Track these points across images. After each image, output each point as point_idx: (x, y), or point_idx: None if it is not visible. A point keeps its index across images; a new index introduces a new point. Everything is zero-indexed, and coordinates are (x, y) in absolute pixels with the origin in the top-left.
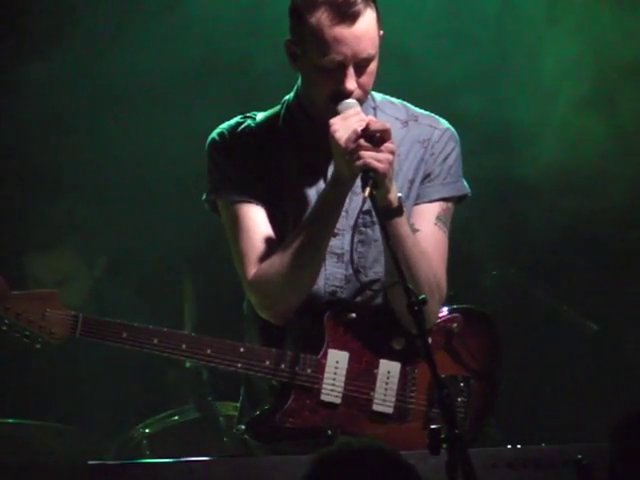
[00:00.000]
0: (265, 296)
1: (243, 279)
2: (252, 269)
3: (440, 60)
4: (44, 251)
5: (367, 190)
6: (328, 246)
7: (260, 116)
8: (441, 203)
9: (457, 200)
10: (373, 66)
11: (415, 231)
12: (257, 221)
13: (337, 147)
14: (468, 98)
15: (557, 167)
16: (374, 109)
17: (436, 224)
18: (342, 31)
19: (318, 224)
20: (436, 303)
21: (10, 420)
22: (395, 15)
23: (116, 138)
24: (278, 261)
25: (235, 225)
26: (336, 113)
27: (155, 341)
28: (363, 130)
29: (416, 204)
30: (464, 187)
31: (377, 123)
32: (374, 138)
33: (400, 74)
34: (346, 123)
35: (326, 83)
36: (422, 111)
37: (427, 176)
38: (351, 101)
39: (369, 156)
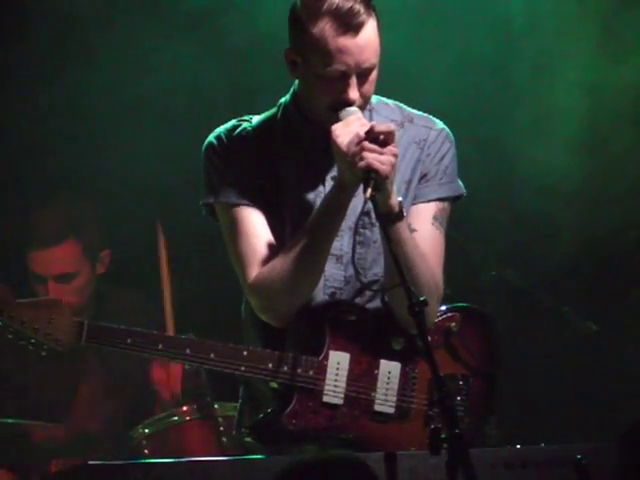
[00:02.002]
0: (266, 299)
1: (243, 282)
2: (252, 272)
3: (442, 89)
4: (46, 248)
5: (368, 191)
6: None
7: (256, 119)
8: (437, 203)
9: (453, 200)
10: (374, 74)
11: (412, 231)
12: (256, 224)
13: (339, 151)
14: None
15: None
16: (370, 111)
17: (433, 224)
18: (346, 42)
19: (321, 228)
20: (435, 303)
21: (10, 420)
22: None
23: (120, 139)
24: (280, 264)
25: (234, 228)
26: (337, 120)
27: (160, 346)
28: (367, 132)
29: (413, 204)
30: (460, 187)
31: (382, 125)
32: (377, 140)
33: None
34: (348, 128)
35: (328, 92)
36: (417, 112)
37: (423, 176)
38: (352, 108)
39: (372, 157)
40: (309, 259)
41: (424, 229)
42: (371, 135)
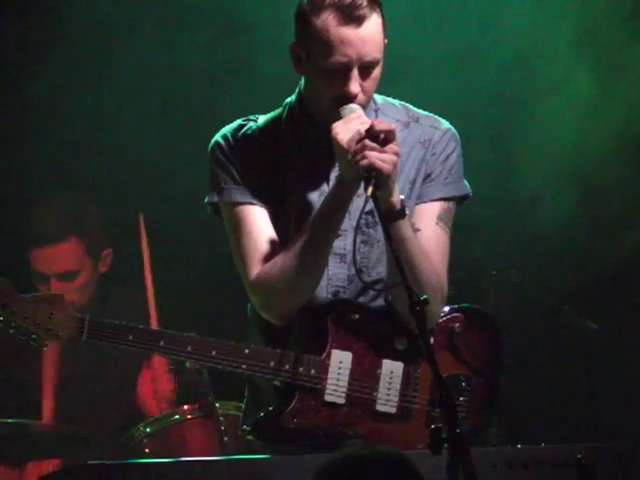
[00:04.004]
0: (267, 296)
1: (245, 280)
2: (254, 270)
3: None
4: (48, 245)
5: (370, 189)
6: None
7: (262, 119)
8: (442, 203)
9: (459, 200)
10: (377, 72)
11: (416, 231)
12: (259, 223)
13: (340, 149)
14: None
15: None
16: (375, 111)
17: (437, 224)
18: (347, 33)
19: (322, 226)
20: (438, 303)
21: (10, 420)
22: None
23: (125, 139)
24: (281, 262)
25: (238, 227)
26: (338, 118)
27: (161, 343)
28: (367, 131)
29: (417, 204)
30: (465, 187)
31: (382, 124)
32: (378, 139)
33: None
34: (348, 126)
35: (330, 86)
36: (423, 112)
37: (428, 176)
38: (353, 106)
39: (374, 156)
40: (310, 257)
41: (428, 228)
42: (371, 133)
